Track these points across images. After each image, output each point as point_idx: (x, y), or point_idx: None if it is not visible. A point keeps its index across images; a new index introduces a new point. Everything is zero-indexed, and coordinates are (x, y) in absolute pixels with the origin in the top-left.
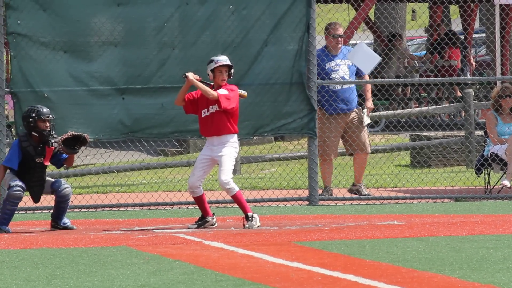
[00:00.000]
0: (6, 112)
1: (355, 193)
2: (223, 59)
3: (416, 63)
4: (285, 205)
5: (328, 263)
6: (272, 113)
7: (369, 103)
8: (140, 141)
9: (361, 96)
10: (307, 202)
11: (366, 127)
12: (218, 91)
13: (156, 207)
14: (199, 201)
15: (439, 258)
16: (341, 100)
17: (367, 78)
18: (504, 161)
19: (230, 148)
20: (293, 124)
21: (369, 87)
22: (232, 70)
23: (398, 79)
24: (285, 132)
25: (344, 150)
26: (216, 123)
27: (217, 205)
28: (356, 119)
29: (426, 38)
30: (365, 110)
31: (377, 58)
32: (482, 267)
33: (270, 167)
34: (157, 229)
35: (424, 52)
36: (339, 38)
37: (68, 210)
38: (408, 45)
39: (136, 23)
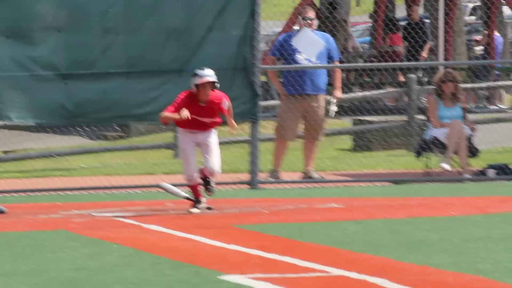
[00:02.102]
0: None
1: (308, 177)
2: (208, 75)
3: (361, 49)
4: (226, 189)
5: (266, 246)
6: None
7: (338, 93)
8: (81, 126)
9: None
10: (248, 186)
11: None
12: (224, 105)
13: (96, 191)
14: (195, 187)
15: (377, 240)
16: (307, 81)
17: (337, 63)
18: (444, 145)
19: (215, 135)
20: (236, 109)
21: (339, 76)
22: (218, 85)
23: (342, 65)
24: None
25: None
26: (206, 124)
27: (158, 189)
28: (321, 106)
29: (371, 24)
30: (333, 100)
31: (321, 44)
32: (419, 248)
33: None
34: (96, 212)
35: (368, 38)
36: (309, 21)
37: (5, 194)
38: (353, 31)
39: (80, 8)
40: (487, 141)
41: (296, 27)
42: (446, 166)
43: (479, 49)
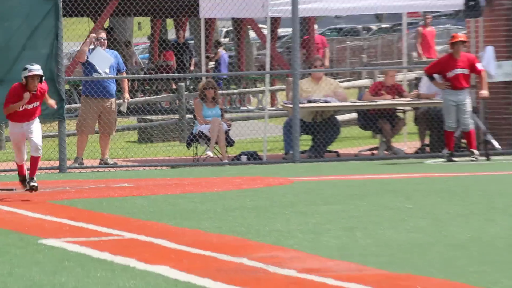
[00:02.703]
0: None
1: (105, 163)
2: (36, 69)
3: (142, 64)
4: (41, 173)
5: (74, 216)
6: None
7: (126, 95)
8: None
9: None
10: (58, 170)
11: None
12: (47, 92)
13: None
14: (22, 167)
15: (159, 211)
16: (101, 87)
17: (124, 74)
18: (208, 137)
19: (38, 123)
20: (46, 111)
21: (126, 84)
22: (43, 78)
23: (128, 76)
24: (41, 117)
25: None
26: (33, 112)
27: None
28: (113, 107)
29: (149, 44)
30: (125, 100)
31: (111, 59)
32: (191, 217)
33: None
34: None
35: (147, 55)
36: (102, 41)
37: None
38: (135, 49)
39: None
40: (239, 134)
41: (91, 46)
42: (210, 154)
43: (212, 63)
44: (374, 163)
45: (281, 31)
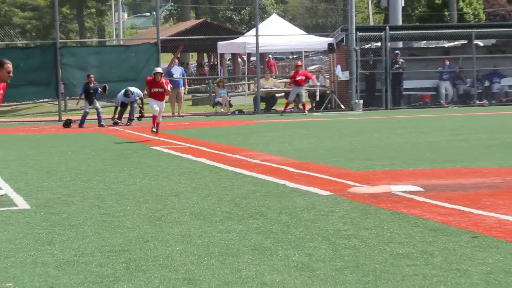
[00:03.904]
0: None
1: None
2: (158, 69)
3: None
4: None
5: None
6: None
7: (186, 86)
8: None
9: None
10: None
11: None
12: None
13: None
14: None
15: (204, 134)
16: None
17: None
18: (221, 103)
19: (164, 103)
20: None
21: (186, 81)
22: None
23: (189, 77)
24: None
25: None
26: (161, 94)
27: None
28: (181, 91)
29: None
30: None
31: (179, 71)
32: (217, 136)
33: None
34: None
35: (195, 68)
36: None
37: None
38: (191, 65)
39: None
40: (235, 102)
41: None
42: (223, 110)
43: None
44: (292, 115)
45: (253, 58)
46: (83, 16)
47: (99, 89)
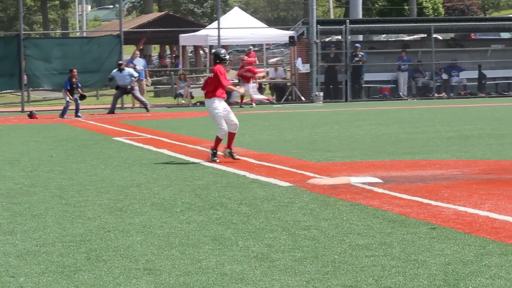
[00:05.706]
0: None
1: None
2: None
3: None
4: None
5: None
6: None
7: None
8: None
9: None
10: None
11: None
12: None
13: None
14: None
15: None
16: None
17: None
18: (181, 93)
19: None
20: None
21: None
22: None
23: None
24: None
25: None
26: None
27: None
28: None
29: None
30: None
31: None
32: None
33: None
34: None
35: (157, 61)
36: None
37: None
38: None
39: None
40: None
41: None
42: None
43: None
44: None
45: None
46: (47, 8)
47: (79, 84)
